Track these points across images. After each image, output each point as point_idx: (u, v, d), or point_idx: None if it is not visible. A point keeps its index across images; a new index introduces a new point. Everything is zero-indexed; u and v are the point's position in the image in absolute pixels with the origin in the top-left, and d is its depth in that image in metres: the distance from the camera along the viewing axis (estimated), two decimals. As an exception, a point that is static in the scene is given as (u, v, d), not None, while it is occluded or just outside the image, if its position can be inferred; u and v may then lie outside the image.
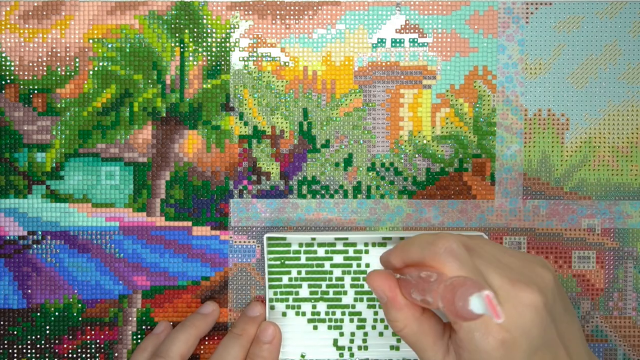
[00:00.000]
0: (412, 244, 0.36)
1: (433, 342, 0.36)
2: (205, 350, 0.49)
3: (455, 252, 0.34)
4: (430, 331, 0.36)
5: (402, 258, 0.36)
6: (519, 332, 0.33)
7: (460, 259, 0.33)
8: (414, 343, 0.36)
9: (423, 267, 0.34)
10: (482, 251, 0.35)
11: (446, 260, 0.33)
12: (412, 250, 0.35)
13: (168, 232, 0.49)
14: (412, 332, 0.36)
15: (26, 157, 0.49)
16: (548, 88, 0.49)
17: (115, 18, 0.49)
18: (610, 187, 0.49)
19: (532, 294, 0.33)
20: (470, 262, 0.34)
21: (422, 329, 0.36)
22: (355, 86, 0.49)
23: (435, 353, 0.36)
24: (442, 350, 0.36)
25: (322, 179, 0.49)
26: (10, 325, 0.49)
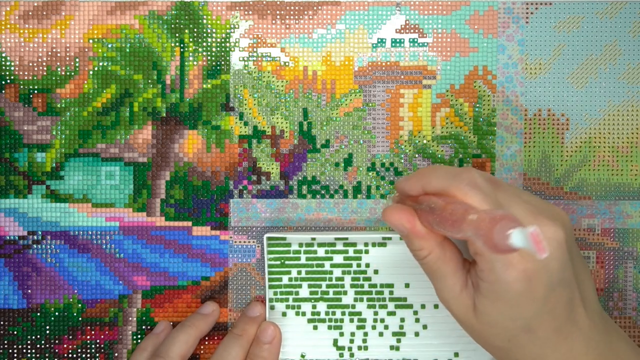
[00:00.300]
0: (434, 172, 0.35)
1: (454, 271, 0.36)
2: (205, 350, 0.49)
3: (479, 184, 0.34)
4: (452, 259, 0.36)
5: (422, 185, 0.36)
6: (540, 264, 0.33)
7: (484, 191, 0.33)
8: (436, 271, 0.36)
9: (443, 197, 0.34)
10: (506, 186, 0.35)
11: (470, 192, 0.33)
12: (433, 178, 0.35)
13: (168, 232, 0.49)
14: (435, 257, 0.36)
15: (26, 157, 0.49)
16: (548, 88, 0.49)
17: (115, 18, 0.49)
18: (610, 187, 0.49)
19: (554, 227, 0.33)
20: (494, 195, 0.34)
21: (445, 255, 0.36)
22: (355, 86, 0.49)
23: (455, 283, 0.36)
24: (461, 280, 0.36)
25: (322, 179, 0.49)
26: (10, 325, 0.49)
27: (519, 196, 0.35)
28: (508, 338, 0.35)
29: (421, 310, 0.48)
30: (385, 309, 0.48)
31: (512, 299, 0.33)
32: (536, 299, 0.33)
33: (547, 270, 0.33)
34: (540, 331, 0.35)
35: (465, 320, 0.36)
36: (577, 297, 0.35)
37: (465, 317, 0.36)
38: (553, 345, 0.35)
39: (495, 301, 0.34)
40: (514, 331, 0.35)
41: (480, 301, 0.34)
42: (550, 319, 0.34)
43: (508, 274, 0.32)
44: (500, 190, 0.35)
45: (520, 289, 0.33)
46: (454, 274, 0.36)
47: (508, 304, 0.33)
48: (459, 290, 0.36)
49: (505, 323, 0.34)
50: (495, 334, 0.35)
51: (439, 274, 0.36)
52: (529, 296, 0.33)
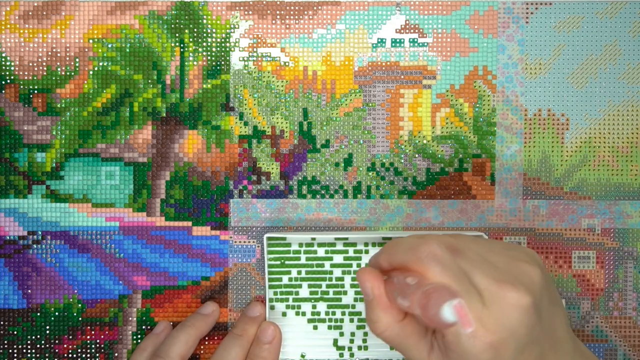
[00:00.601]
0: (397, 247, 0.36)
1: (416, 343, 0.36)
2: (205, 350, 0.49)
3: (438, 257, 0.33)
4: (412, 333, 0.36)
5: (388, 260, 0.36)
6: (506, 333, 0.33)
7: (442, 263, 0.33)
8: (397, 345, 0.36)
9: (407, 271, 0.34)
10: (468, 251, 0.35)
11: (429, 265, 0.33)
12: (397, 253, 0.35)
13: (168, 232, 0.49)
14: (394, 334, 0.36)
15: (26, 157, 0.49)
16: (548, 88, 0.49)
17: (115, 18, 0.49)
18: (610, 187, 0.49)
19: (519, 294, 0.33)
20: (454, 265, 0.34)
21: (405, 331, 0.36)
22: (355, 86, 0.49)
23: (421, 351, 0.36)
24: (426, 348, 0.36)
25: (322, 179, 0.49)
26: (10, 325, 0.49)
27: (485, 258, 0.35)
28: None
29: None
30: (385, 309, 0.48)
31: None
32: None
33: (515, 337, 0.33)
34: None
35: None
36: (548, 349, 0.35)
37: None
38: None
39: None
40: None
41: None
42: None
43: (474, 346, 0.32)
44: (461, 257, 0.34)
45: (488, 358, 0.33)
46: (416, 345, 0.36)
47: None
48: (426, 356, 0.36)
49: None
50: None
51: (401, 347, 0.36)
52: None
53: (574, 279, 0.49)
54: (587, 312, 0.49)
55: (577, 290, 0.49)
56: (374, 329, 0.37)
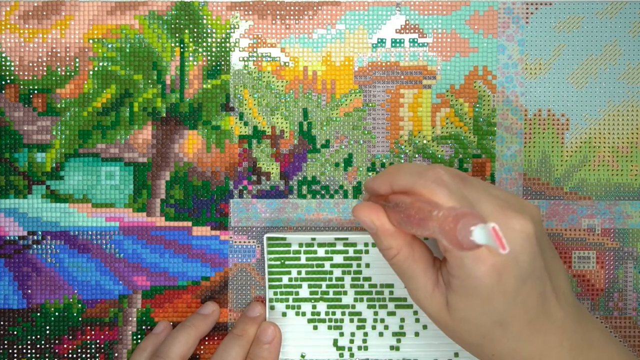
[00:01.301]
0: (401, 171, 0.35)
1: (424, 270, 0.36)
2: (205, 350, 0.49)
3: (445, 182, 0.34)
4: (421, 258, 0.36)
5: (389, 184, 0.36)
6: (509, 257, 0.33)
7: (449, 188, 0.33)
8: (406, 270, 0.36)
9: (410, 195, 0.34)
10: (474, 181, 0.36)
11: (436, 189, 0.33)
12: (400, 177, 0.35)
13: (168, 232, 0.49)
14: (404, 257, 0.36)
15: (26, 157, 0.49)
16: (548, 88, 0.49)
17: (115, 18, 0.49)
18: (610, 187, 0.49)
19: (522, 220, 0.33)
20: (460, 191, 0.34)
21: (414, 255, 0.36)
22: (355, 86, 0.49)
23: (426, 282, 0.36)
24: (432, 279, 0.36)
25: (322, 179, 0.49)
26: (10, 325, 0.49)
27: (487, 191, 0.35)
28: (482, 334, 0.35)
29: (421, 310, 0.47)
30: (385, 309, 0.48)
31: (484, 294, 0.33)
32: (507, 293, 0.33)
33: (517, 263, 0.33)
34: (513, 325, 0.35)
35: (439, 318, 0.36)
36: (549, 289, 0.35)
37: (439, 315, 0.36)
38: (527, 339, 0.35)
39: (467, 297, 0.34)
40: (487, 326, 0.35)
41: (452, 298, 0.35)
42: (523, 312, 0.34)
43: (477, 269, 0.33)
44: (467, 186, 0.35)
45: (491, 283, 0.33)
46: (424, 273, 0.36)
47: (480, 299, 0.33)
48: (431, 289, 0.36)
49: (478, 319, 0.35)
50: (469, 330, 0.35)
51: (409, 274, 0.36)
52: (500, 290, 0.33)
53: (574, 279, 0.49)
54: (587, 312, 0.49)
55: (577, 291, 0.49)
56: (386, 254, 0.36)
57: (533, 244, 0.33)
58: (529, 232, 0.33)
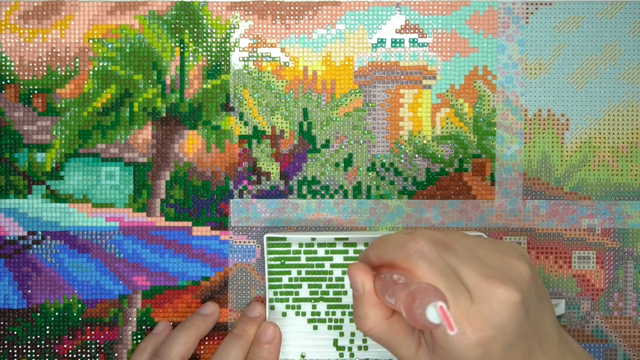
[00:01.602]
0: (385, 244, 0.36)
1: (404, 340, 0.36)
2: (205, 350, 0.49)
3: (426, 254, 0.33)
4: (400, 330, 0.36)
5: (377, 257, 0.36)
6: (494, 330, 0.32)
7: (430, 261, 0.33)
8: (385, 342, 0.36)
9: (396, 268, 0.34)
10: (457, 246, 0.35)
11: (416, 263, 0.33)
12: (385, 250, 0.35)
13: (168, 232, 0.49)
14: (381, 331, 0.36)
15: (26, 157, 0.49)
16: (548, 88, 0.49)
17: (115, 18, 0.49)
18: (610, 187, 0.49)
19: (507, 290, 0.33)
20: (442, 262, 0.33)
21: (393, 328, 0.36)
22: (355, 86, 0.49)
23: (408, 348, 0.36)
24: (414, 344, 0.36)
25: (322, 179, 0.49)
26: (10, 325, 0.49)
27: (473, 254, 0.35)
28: None
29: None
30: (385, 309, 0.48)
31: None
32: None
33: (503, 333, 0.33)
34: None
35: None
36: (535, 344, 0.35)
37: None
38: None
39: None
40: None
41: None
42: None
43: (462, 343, 0.32)
44: (450, 253, 0.34)
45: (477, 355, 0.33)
46: (404, 342, 0.36)
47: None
48: (414, 352, 0.36)
49: None
50: None
51: (389, 345, 0.36)
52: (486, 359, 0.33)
53: (574, 279, 0.49)
54: (587, 312, 0.49)
55: (577, 290, 0.49)
56: (361, 325, 0.36)
57: (519, 311, 0.33)
58: (515, 301, 0.33)
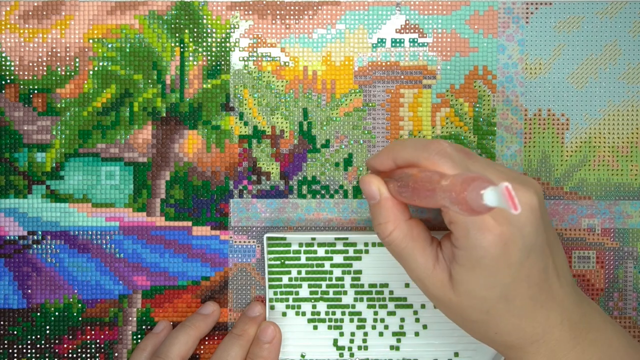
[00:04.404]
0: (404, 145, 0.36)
1: (423, 247, 0.36)
2: (205, 350, 0.49)
3: (449, 153, 0.34)
4: (419, 236, 0.36)
5: (393, 158, 0.36)
6: (515, 228, 0.33)
7: (453, 160, 0.34)
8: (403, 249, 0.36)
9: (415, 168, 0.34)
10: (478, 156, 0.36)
11: (440, 161, 0.33)
12: (403, 151, 0.35)
13: (168, 232, 0.49)
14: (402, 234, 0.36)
15: (26, 157, 0.49)
16: (548, 88, 0.49)
17: (115, 18, 0.49)
18: (610, 187, 0.49)
19: (527, 193, 0.33)
20: (464, 163, 0.34)
21: (412, 232, 0.36)
22: (355, 86, 0.49)
23: (427, 259, 0.36)
24: (432, 256, 0.36)
25: (322, 179, 0.49)
26: (10, 325, 0.49)
27: (491, 165, 0.36)
28: (486, 309, 0.35)
29: (421, 310, 0.48)
30: (385, 308, 0.48)
31: (489, 265, 0.33)
32: (512, 264, 0.33)
33: (522, 234, 0.33)
34: (517, 300, 0.35)
35: (442, 295, 0.36)
36: (551, 266, 0.35)
37: (442, 292, 0.36)
38: (530, 315, 0.35)
39: (473, 268, 0.34)
40: (491, 300, 0.35)
41: (457, 271, 0.34)
42: (527, 286, 0.34)
43: (484, 239, 0.33)
44: (472, 159, 0.35)
45: (496, 253, 0.33)
46: (423, 250, 0.36)
47: (485, 270, 0.33)
48: (432, 266, 0.36)
49: (482, 292, 0.34)
50: (473, 305, 0.35)
51: (407, 253, 0.36)
52: (505, 261, 0.33)
53: (574, 279, 0.49)
54: (587, 312, 0.49)
55: (577, 290, 0.49)
56: (383, 230, 0.36)
57: (537, 216, 0.34)
58: (534, 204, 0.33)
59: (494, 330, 0.36)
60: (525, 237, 0.33)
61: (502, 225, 0.33)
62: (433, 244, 0.36)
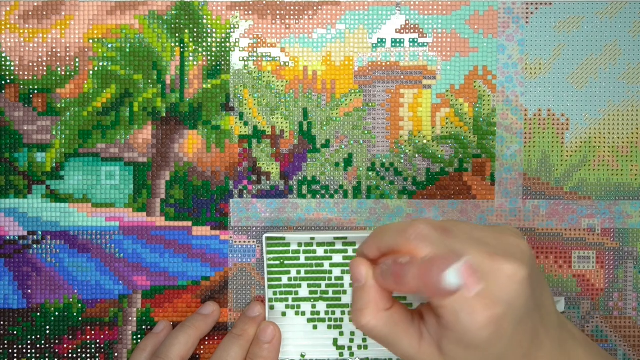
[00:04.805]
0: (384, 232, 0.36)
1: (405, 331, 0.36)
2: (205, 350, 0.49)
3: (426, 236, 0.34)
4: (400, 321, 0.36)
5: (377, 247, 0.36)
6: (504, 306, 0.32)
7: (431, 241, 0.33)
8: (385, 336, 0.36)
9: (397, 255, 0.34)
10: (457, 230, 0.35)
11: (418, 245, 0.33)
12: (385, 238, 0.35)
13: (168, 232, 0.49)
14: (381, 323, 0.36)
15: (26, 157, 0.49)
16: (548, 88, 0.49)
17: (115, 18, 0.49)
18: (610, 187, 0.49)
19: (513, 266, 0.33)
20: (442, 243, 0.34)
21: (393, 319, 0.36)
22: (355, 86, 0.49)
23: (410, 340, 0.35)
24: (416, 335, 0.36)
25: (322, 179, 0.49)
26: (10, 325, 0.49)
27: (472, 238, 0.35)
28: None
29: None
30: (385, 309, 0.47)
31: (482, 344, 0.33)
32: (504, 337, 0.33)
33: (513, 309, 0.33)
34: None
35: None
36: (538, 321, 0.35)
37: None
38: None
39: (465, 348, 0.34)
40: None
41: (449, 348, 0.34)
42: (519, 349, 0.34)
43: (475, 323, 0.32)
44: (450, 236, 0.34)
45: (489, 334, 0.33)
46: (406, 332, 0.36)
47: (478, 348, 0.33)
48: (417, 344, 0.35)
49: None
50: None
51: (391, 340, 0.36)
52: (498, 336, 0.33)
53: (574, 279, 0.49)
54: (587, 312, 0.49)
55: (577, 290, 0.49)
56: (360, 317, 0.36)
57: (526, 286, 0.33)
58: (522, 276, 0.33)
59: None
60: (516, 310, 0.33)
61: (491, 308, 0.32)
62: (414, 321, 0.36)
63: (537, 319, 0.35)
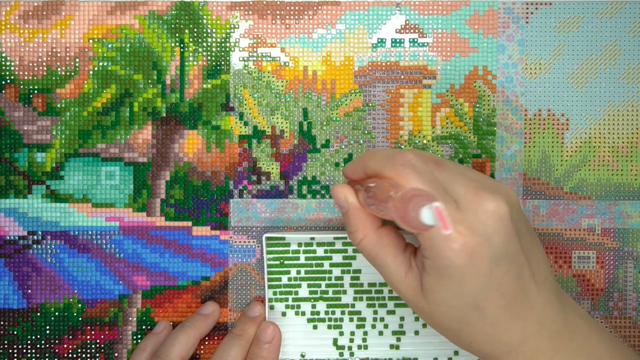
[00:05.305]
0: (372, 156, 0.36)
1: (394, 256, 0.36)
2: (205, 350, 0.49)
3: (413, 164, 0.34)
4: (390, 245, 0.36)
5: (363, 168, 0.37)
6: (480, 238, 0.33)
7: (417, 171, 0.34)
8: (375, 257, 0.36)
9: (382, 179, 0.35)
10: (449, 164, 0.35)
11: (404, 172, 0.34)
12: (372, 161, 0.36)
13: (168, 232, 0.49)
14: (371, 243, 0.36)
15: (26, 157, 0.49)
16: (548, 88, 0.49)
17: (115, 18, 0.49)
18: (610, 187, 0.49)
19: (496, 201, 0.33)
20: (429, 173, 0.34)
21: (382, 241, 0.36)
22: (355, 86, 0.49)
23: (398, 267, 0.36)
24: (404, 264, 0.36)
25: (322, 179, 0.49)
26: (10, 325, 0.49)
27: (462, 174, 0.35)
28: (457, 318, 0.35)
29: None
30: (385, 307, 0.48)
31: (456, 274, 0.33)
32: (480, 274, 0.33)
33: (489, 243, 0.33)
34: (488, 309, 0.34)
35: (415, 302, 0.36)
36: (527, 273, 0.35)
37: (415, 298, 0.36)
38: (504, 324, 0.35)
39: (439, 277, 0.34)
40: (461, 309, 0.34)
41: (426, 280, 0.34)
42: (499, 296, 0.34)
43: (447, 249, 0.32)
44: (441, 169, 0.35)
45: (462, 263, 0.33)
46: (394, 258, 0.36)
47: (452, 280, 0.33)
48: (404, 273, 0.36)
49: (452, 301, 0.34)
50: (445, 312, 0.35)
51: (379, 261, 0.37)
52: (472, 271, 0.33)
53: (574, 279, 0.49)
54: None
55: (577, 290, 0.49)
56: (353, 238, 0.37)
57: (507, 225, 0.33)
58: (503, 213, 0.33)
59: (469, 339, 0.36)
60: (494, 247, 0.33)
61: (465, 236, 0.32)
62: (406, 251, 0.37)
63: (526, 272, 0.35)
